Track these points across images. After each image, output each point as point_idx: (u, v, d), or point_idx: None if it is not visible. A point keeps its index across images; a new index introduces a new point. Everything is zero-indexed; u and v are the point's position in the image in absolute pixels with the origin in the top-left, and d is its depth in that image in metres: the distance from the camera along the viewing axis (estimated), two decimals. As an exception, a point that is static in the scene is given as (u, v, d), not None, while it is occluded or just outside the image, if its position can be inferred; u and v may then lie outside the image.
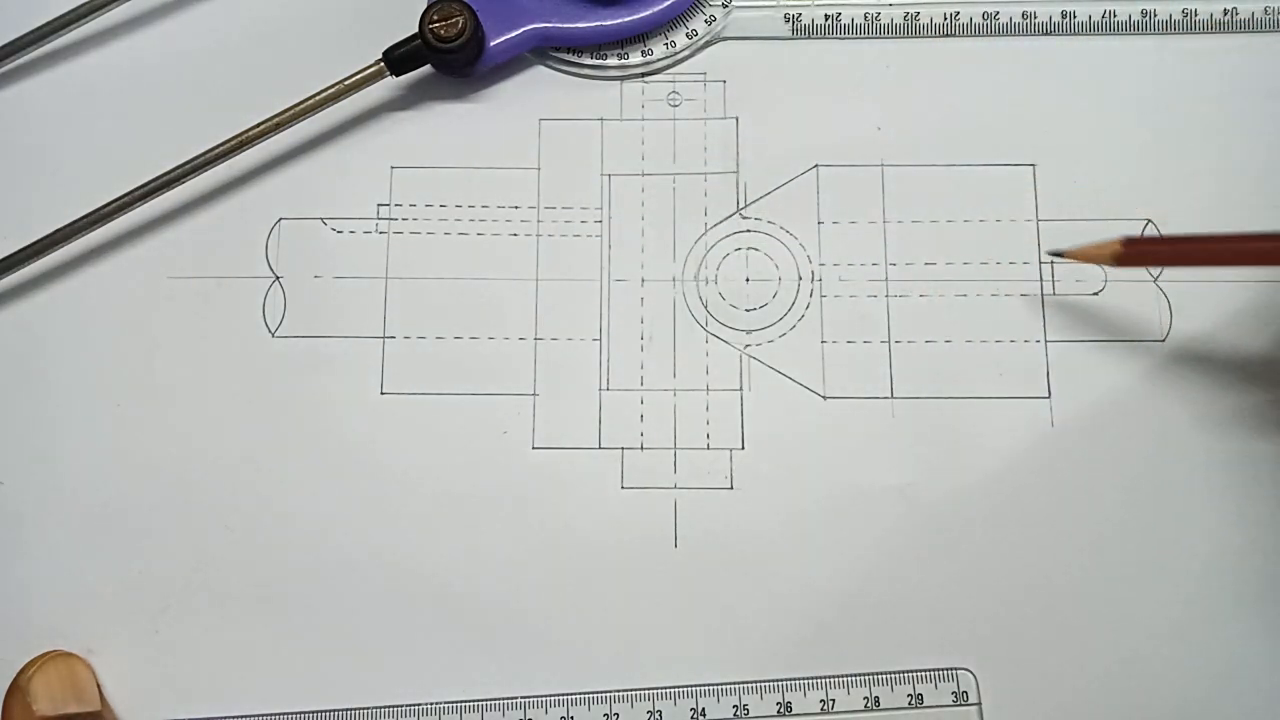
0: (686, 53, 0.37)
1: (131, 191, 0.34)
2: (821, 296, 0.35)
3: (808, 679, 0.32)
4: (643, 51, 0.37)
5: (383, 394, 0.35)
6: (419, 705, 0.32)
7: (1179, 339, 0.35)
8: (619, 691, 0.32)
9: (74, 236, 0.34)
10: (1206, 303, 0.35)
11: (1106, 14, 0.37)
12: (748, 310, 0.35)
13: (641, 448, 0.34)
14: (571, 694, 0.32)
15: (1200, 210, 0.35)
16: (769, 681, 0.32)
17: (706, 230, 0.36)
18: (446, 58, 0.35)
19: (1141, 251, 0.33)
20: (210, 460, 0.34)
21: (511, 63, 0.37)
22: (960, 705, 0.32)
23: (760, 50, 0.37)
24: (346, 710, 0.32)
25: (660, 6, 0.36)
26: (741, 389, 0.35)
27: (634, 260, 0.36)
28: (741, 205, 0.36)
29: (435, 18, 0.35)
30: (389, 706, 0.32)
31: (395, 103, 0.37)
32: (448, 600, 0.33)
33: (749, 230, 0.36)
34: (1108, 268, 0.34)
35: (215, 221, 0.36)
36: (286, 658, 0.33)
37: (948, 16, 0.37)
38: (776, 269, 0.36)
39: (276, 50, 0.37)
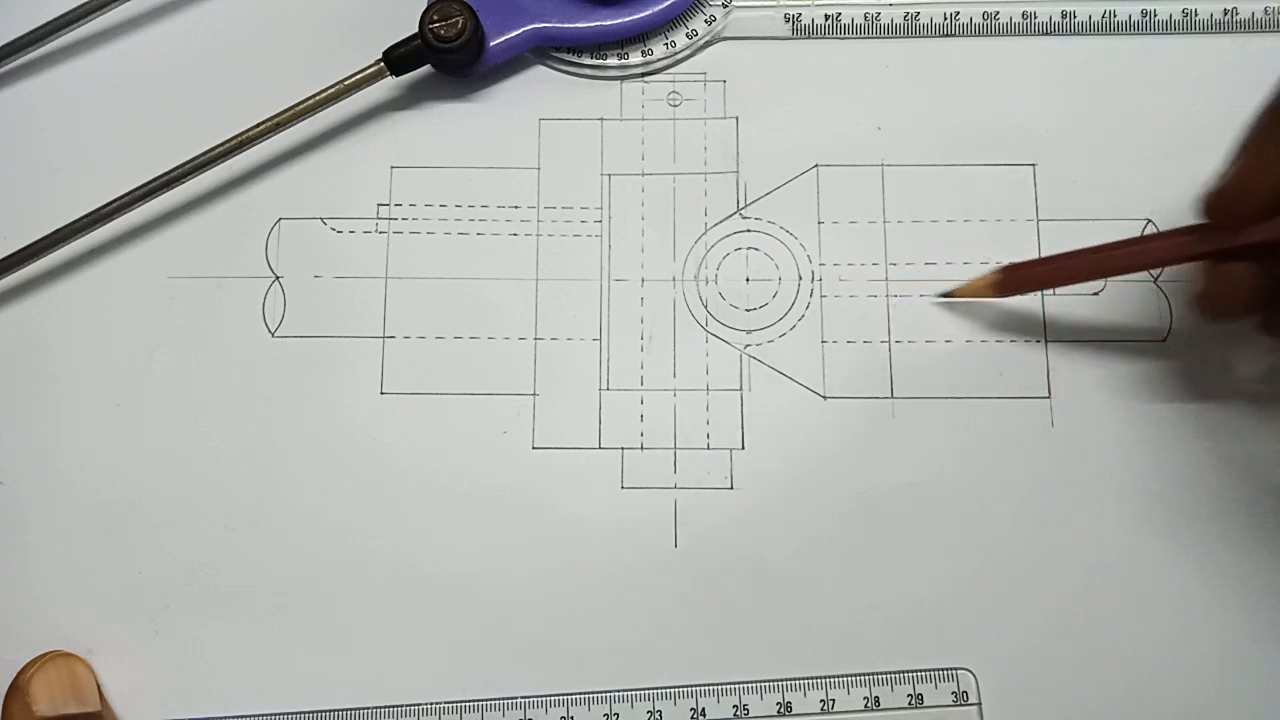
0: (686, 53, 0.37)
1: (131, 191, 0.34)
2: (821, 296, 0.35)
3: (808, 679, 0.32)
4: (643, 51, 0.37)
5: (383, 394, 0.35)
6: (419, 705, 0.32)
7: (1179, 339, 0.35)
8: (619, 691, 0.32)
9: (74, 236, 0.34)
10: (1206, 303, 0.35)
11: (1106, 14, 0.37)
12: (748, 310, 0.35)
13: (641, 448, 0.34)
14: (571, 694, 0.32)
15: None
16: (769, 681, 0.32)
17: (706, 230, 0.36)
18: (446, 58, 0.35)
19: (1018, 277, 0.34)
20: (210, 460, 0.34)
21: (511, 63, 0.37)
22: (960, 705, 0.32)
23: (760, 50, 0.37)
24: (346, 710, 0.32)
25: (660, 6, 0.36)
26: (741, 389, 0.35)
27: (634, 260, 0.36)
28: (741, 205, 0.36)
29: (435, 18, 0.35)
30: (389, 706, 0.32)
31: (395, 103, 0.37)
32: (448, 600, 0.33)
33: (749, 230, 0.36)
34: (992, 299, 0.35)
35: (215, 221, 0.36)
36: (286, 658, 0.33)
37: (948, 16, 0.37)
38: (776, 269, 0.36)
39: (276, 50, 0.37)
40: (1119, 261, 0.33)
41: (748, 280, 0.35)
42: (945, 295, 0.35)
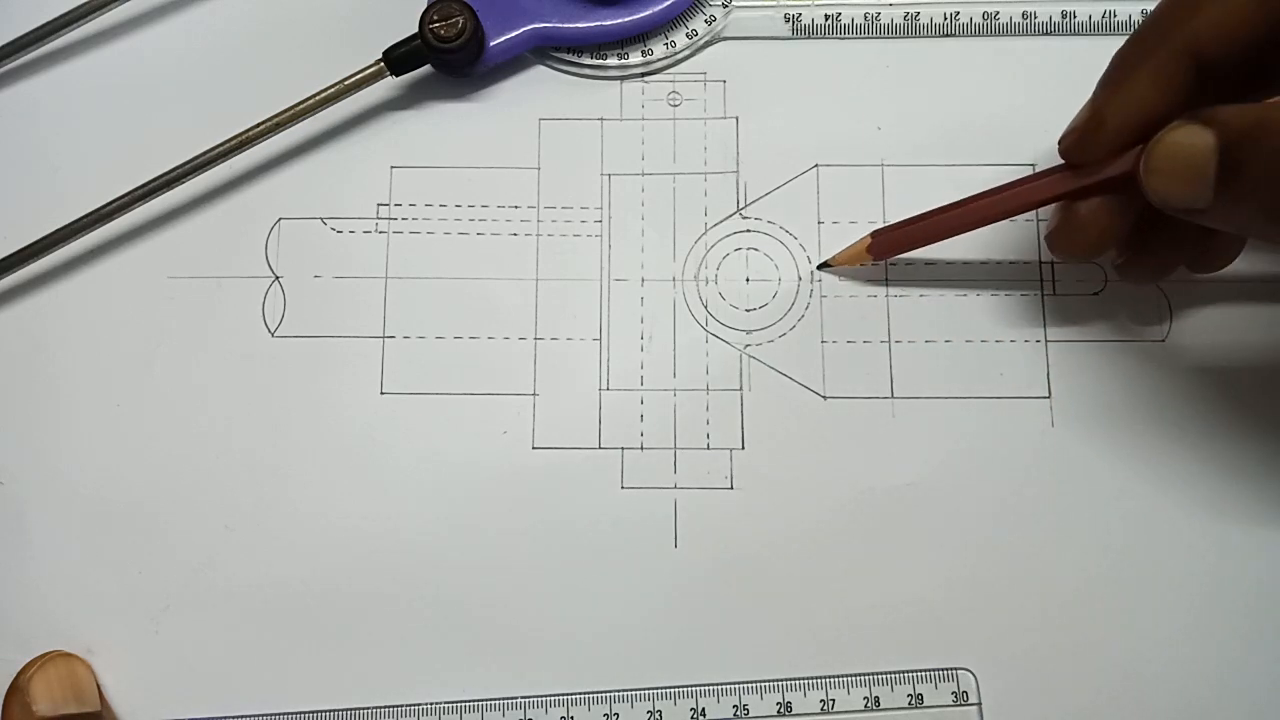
0: (686, 53, 0.37)
1: (131, 191, 0.34)
2: (822, 296, 0.35)
3: (808, 679, 0.32)
4: (643, 51, 0.37)
5: (383, 394, 0.35)
6: (419, 705, 0.32)
7: (1179, 339, 0.35)
8: (619, 691, 0.32)
9: (74, 236, 0.34)
10: (1206, 303, 0.35)
11: (1106, 14, 0.37)
12: (748, 310, 0.35)
13: (641, 448, 0.34)
14: (571, 694, 0.32)
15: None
16: (769, 681, 0.32)
17: (706, 230, 0.36)
18: (446, 58, 0.35)
19: (889, 238, 0.34)
20: (210, 460, 0.34)
21: (511, 63, 0.37)
22: (960, 705, 0.32)
23: (760, 50, 0.37)
24: (346, 710, 0.32)
25: (660, 6, 0.36)
26: (741, 389, 0.35)
27: (634, 260, 0.36)
28: (741, 205, 0.36)
29: (435, 18, 0.35)
30: (389, 706, 0.32)
31: (395, 103, 0.37)
32: (448, 600, 0.33)
33: (749, 230, 0.36)
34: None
35: (215, 221, 0.36)
36: (286, 658, 0.33)
37: (948, 16, 0.37)
38: (776, 269, 0.36)
39: (276, 50, 0.37)
40: (981, 212, 0.33)
41: (748, 280, 0.35)
42: (823, 265, 0.35)
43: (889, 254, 0.34)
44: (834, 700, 0.32)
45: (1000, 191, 0.33)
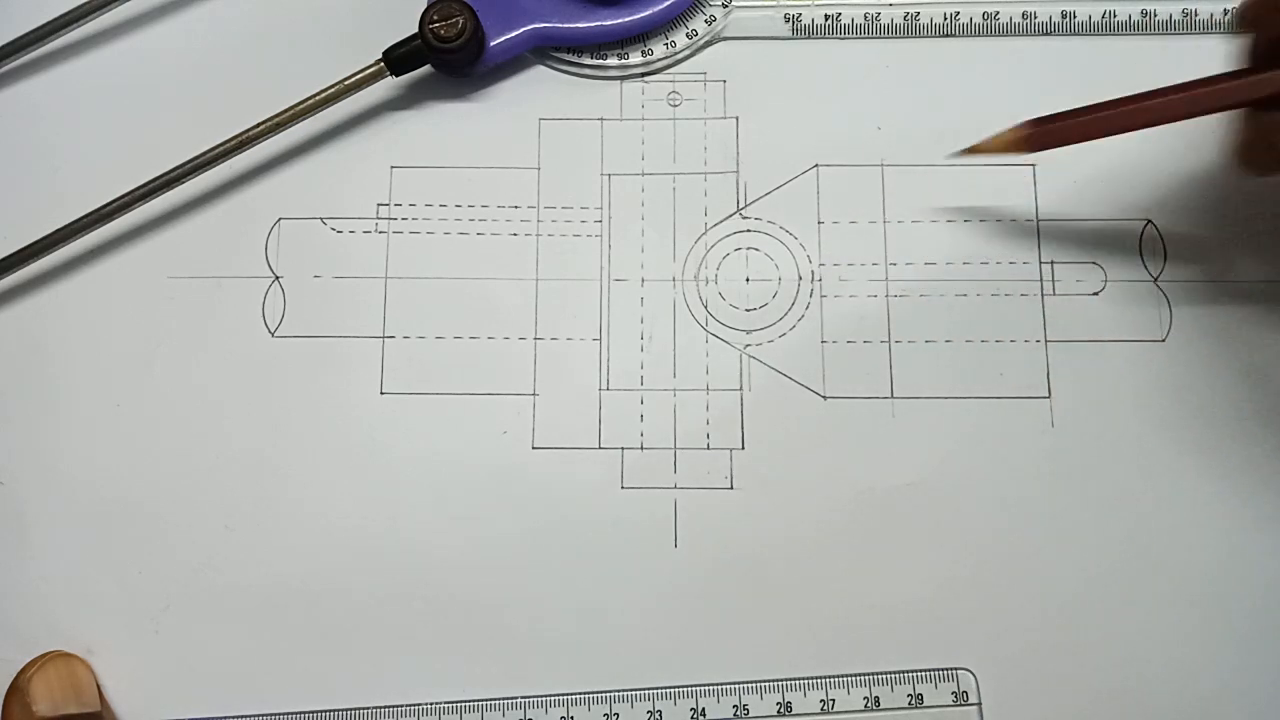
0: (686, 53, 0.37)
1: (131, 191, 0.34)
2: (821, 296, 0.35)
3: (808, 679, 0.32)
4: (643, 51, 0.37)
5: (383, 394, 0.35)
6: (419, 705, 0.32)
7: (1179, 339, 0.35)
8: (619, 691, 0.32)
9: (74, 236, 0.34)
10: (1206, 303, 0.35)
11: (1106, 14, 0.37)
12: (748, 310, 0.35)
13: (641, 448, 0.34)
14: (571, 694, 0.32)
15: (1200, 210, 0.35)
16: (769, 681, 0.32)
17: (706, 230, 0.36)
18: (446, 58, 0.35)
19: (1049, 130, 0.32)
20: (210, 460, 0.34)
21: (511, 63, 0.37)
22: (960, 705, 0.32)
23: (760, 50, 0.37)
24: (346, 710, 0.32)
25: (660, 6, 0.36)
26: (741, 389, 0.35)
27: (634, 260, 0.36)
28: (741, 205, 0.36)
29: (435, 18, 0.35)
30: (389, 706, 0.32)
31: (395, 103, 0.37)
32: (448, 600, 0.33)
33: (749, 230, 0.36)
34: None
35: (215, 221, 0.36)
36: (286, 658, 0.33)
37: (948, 16, 0.37)
38: (776, 269, 0.36)
39: (277, 50, 0.37)
40: (1158, 110, 0.30)
41: (748, 280, 0.35)
42: (967, 150, 0.33)
43: (1047, 146, 0.32)
44: (834, 700, 0.32)
45: (1181, 90, 0.30)
